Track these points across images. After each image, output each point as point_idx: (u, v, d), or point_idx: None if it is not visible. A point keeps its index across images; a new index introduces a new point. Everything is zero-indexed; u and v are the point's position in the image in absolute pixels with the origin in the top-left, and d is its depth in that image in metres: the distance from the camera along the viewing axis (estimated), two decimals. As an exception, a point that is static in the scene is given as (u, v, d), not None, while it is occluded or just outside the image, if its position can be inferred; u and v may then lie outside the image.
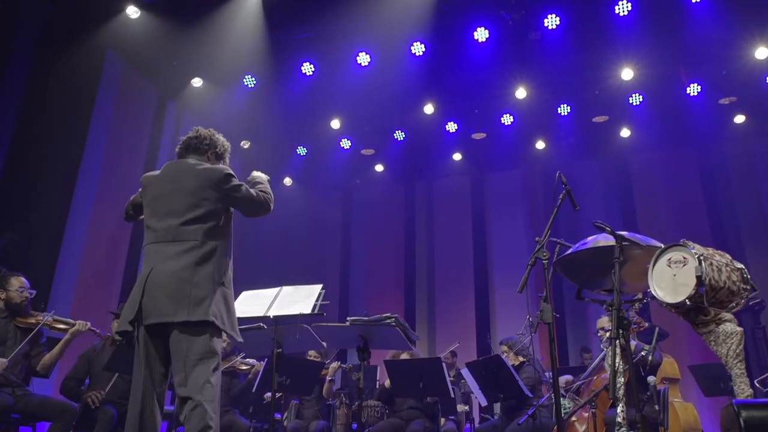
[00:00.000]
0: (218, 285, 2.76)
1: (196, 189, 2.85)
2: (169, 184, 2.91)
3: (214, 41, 7.46)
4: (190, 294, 2.63)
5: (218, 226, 2.86)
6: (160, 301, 2.63)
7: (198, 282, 2.67)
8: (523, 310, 9.16)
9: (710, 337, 2.41)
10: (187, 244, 2.74)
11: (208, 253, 2.76)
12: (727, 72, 8.06)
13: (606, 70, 8.12)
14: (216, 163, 3.12)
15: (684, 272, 2.42)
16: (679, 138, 9.36)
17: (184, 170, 2.95)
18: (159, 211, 2.87)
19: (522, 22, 7.47)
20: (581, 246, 3.11)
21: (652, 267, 2.55)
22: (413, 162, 10.55)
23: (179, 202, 2.83)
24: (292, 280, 4.54)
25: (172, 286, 2.64)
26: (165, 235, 2.79)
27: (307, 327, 3.69)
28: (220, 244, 2.83)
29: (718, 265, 2.38)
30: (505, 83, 8.50)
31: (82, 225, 7.15)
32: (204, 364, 2.62)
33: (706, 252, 2.41)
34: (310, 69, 8.26)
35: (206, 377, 2.60)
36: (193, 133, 3.14)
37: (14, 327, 4.33)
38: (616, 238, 2.58)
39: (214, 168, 2.95)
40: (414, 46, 7.86)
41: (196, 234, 2.77)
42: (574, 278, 3.29)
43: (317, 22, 7.59)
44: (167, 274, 2.67)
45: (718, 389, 5.93)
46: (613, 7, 7.25)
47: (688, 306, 2.39)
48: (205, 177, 2.89)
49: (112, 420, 4.55)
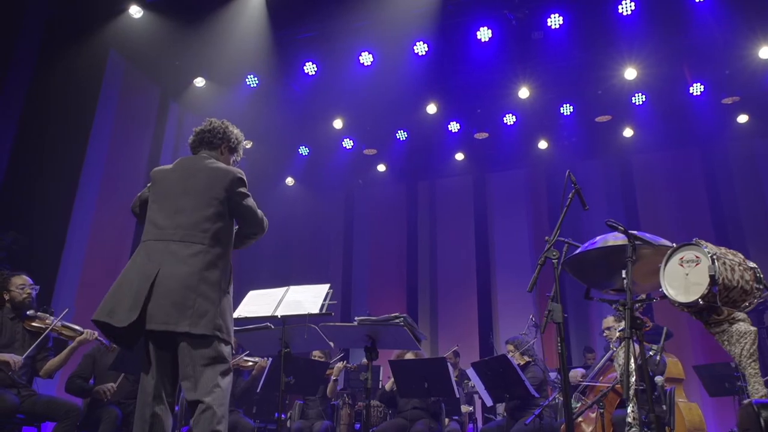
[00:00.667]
0: (224, 293, 2.71)
1: (207, 188, 2.79)
2: (180, 182, 2.84)
3: (216, 41, 7.46)
4: (194, 305, 2.56)
5: (224, 228, 2.80)
6: (165, 307, 2.55)
7: (204, 291, 2.61)
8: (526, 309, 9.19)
9: (723, 337, 2.40)
10: (195, 247, 2.67)
11: (215, 257, 2.70)
12: (731, 71, 8.05)
13: (609, 69, 8.11)
14: (229, 156, 3.06)
15: (697, 271, 2.40)
16: (682, 138, 9.36)
17: (196, 168, 2.89)
18: (167, 207, 2.79)
19: (525, 21, 7.47)
20: (590, 245, 3.10)
21: (664, 266, 2.54)
22: (416, 162, 10.55)
23: (189, 201, 2.77)
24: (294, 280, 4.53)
25: (179, 293, 2.57)
26: (173, 234, 2.71)
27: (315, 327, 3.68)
28: (225, 249, 2.78)
29: (731, 265, 2.37)
30: (508, 83, 8.49)
31: (84, 225, 7.14)
32: (212, 369, 2.58)
33: (719, 251, 2.40)
34: (312, 69, 8.26)
35: (215, 381, 2.56)
36: (206, 125, 3.07)
37: (23, 329, 4.31)
38: (628, 237, 2.57)
39: (227, 170, 2.89)
40: (417, 46, 7.85)
41: (204, 236, 2.70)
42: (582, 278, 3.27)
43: (320, 21, 7.58)
44: (175, 279, 2.59)
45: (723, 389, 5.92)
46: (616, 7, 7.25)
47: (701, 305, 2.38)
48: (217, 177, 2.83)
49: (116, 420, 4.54)
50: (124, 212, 7.95)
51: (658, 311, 8.09)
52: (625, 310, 2.44)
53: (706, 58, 7.93)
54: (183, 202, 2.78)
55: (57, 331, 4.40)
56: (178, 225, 2.72)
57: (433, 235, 11.00)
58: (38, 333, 4.33)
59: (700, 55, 7.90)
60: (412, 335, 3.58)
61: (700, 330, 8.72)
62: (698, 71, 8.24)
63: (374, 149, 10.32)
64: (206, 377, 2.56)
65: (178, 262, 2.63)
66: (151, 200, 2.88)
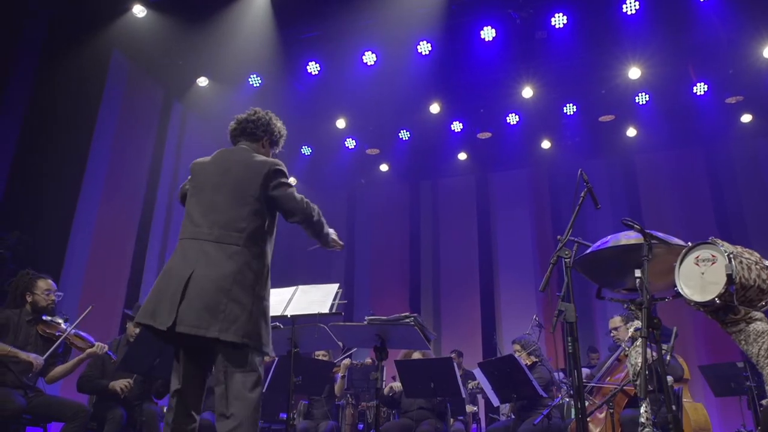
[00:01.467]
0: (258, 298, 2.57)
1: (243, 184, 2.66)
2: (216, 175, 2.71)
3: (220, 40, 7.44)
4: (225, 309, 2.45)
5: (261, 228, 2.66)
6: (196, 311, 2.44)
7: (236, 295, 2.49)
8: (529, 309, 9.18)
9: (740, 337, 2.38)
10: (231, 249, 2.55)
11: (250, 259, 2.58)
12: (734, 71, 8.05)
13: (612, 69, 8.10)
14: (270, 150, 2.94)
15: (713, 270, 2.38)
16: (686, 137, 9.35)
17: (234, 161, 2.74)
18: (203, 203, 2.66)
19: (529, 20, 7.46)
20: (602, 245, 3.08)
21: (679, 265, 2.52)
22: (418, 162, 10.54)
23: (224, 198, 2.64)
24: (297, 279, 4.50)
25: (210, 296, 2.46)
26: (208, 233, 2.59)
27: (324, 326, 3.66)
28: (262, 250, 2.65)
29: (748, 263, 2.35)
30: (511, 82, 8.48)
31: (88, 225, 7.12)
32: (241, 378, 2.47)
33: (736, 250, 2.39)
34: (315, 68, 8.24)
35: (242, 392, 2.45)
36: (250, 113, 2.92)
37: (36, 333, 4.28)
38: (644, 236, 2.55)
39: (265, 161, 2.74)
40: (420, 45, 7.84)
41: (239, 237, 2.58)
42: (594, 277, 3.25)
43: (324, 21, 7.57)
44: (207, 281, 2.48)
45: (729, 389, 5.90)
46: (620, 6, 7.24)
47: (717, 305, 2.36)
48: (253, 172, 2.69)
49: (122, 421, 4.52)
50: (127, 212, 7.96)
51: (661, 311, 8.05)
52: (643, 310, 2.42)
53: (710, 57, 7.93)
54: (218, 198, 2.65)
55: (69, 340, 4.36)
56: (213, 223, 2.60)
57: (436, 234, 10.99)
58: (49, 338, 4.30)
59: (704, 54, 7.89)
60: (422, 335, 3.56)
61: (703, 330, 8.72)
62: (702, 71, 8.23)
63: (377, 149, 10.31)
64: (234, 387, 2.45)
65: (212, 263, 2.52)
66: (190, 194, 2.77)
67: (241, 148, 2.87)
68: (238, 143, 2.91)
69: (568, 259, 2.97)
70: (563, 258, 3.04)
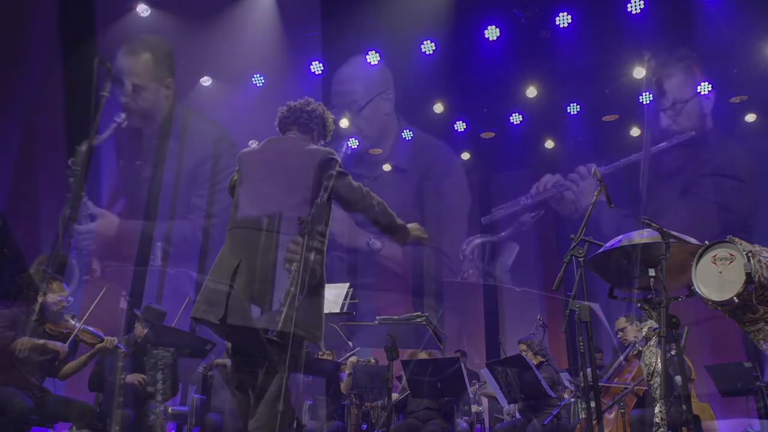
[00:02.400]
0: (309, 288, 2.45)
1: (295, 174, 2.60)
2: (266, 165, 2.66)
3: (223, 40, 7.43)
4: (270, 299, 2.40)
5: (317, 216, 2.56)
6: (243, 302, 2.40)
7: (282, 285, 2.41)
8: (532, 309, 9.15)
9: (759, 336, 2.37)
10: (279, 238, 2.47)
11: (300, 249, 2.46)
12: (738, 70, 8.03)
13: (617, 68, 8.08)
14: (318, 143, 2.88)
15: (731, 269, 2.37)
16: (690, 137, 9.31)
17: (285, 150, 2.71)
18: (252, 192, 2.61)
19: (534, 20, 7.45)
20: (615, 244, 3.07)
21: (696, 264, 2.50)
22: (422, 161, 10.50)
23: (275, 187, 2.59)
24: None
25: (255, 287, 2.41)
26: (256, 222, 2.53)
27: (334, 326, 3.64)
28: (314, 240, 2.53)
29: (766, 262, 2.34)
30: (515, 82, 8.47)
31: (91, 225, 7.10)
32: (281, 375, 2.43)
33: (754, 248, 2.37)
34: (319, 68, 8.22)
35: (280, 390, 2.39)
36: (303, 103, 2.87)
37: (44, 332, 4.24)
38: (662, 234, 2.54)
39: (318, 150, 2.68)
40: (424, 45, 7.82)
41: (289, 226, 2.50)
42: (606, 276, 3.24)
43: (327, 21, 7.55)
44: (254, 272, 2.43)
45: (736, 389, 5.88)
46: (625, 5, 7.23)
47: (735, 304, 2.35)
48: (307, 161, 2.62)
49: (129, 421, 4.50)
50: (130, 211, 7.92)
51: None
52: (662, 309, 2.40)
53: (714, 57, 7.91)
54: (268, 188, 2.61)
55: (78, 337, 4.33)
56: (261, 212, 2.54)
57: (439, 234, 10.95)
58: (58, 336, 4.27)
59: (709, 54, 7.87)
60: (434, 335, 3.54)
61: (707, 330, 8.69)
62: (706, 70, 8.22)
63: (380, 149, 10.28)
64: (276, 380, 2.42)
65: (258, 253, 2.46)
66: (239, 184, 2.71)
67: (291, 138, 2.81)
68: (287, 132, 2.85)
69: (582, 258, 2.95)
70: (576, 257, 3.02)
